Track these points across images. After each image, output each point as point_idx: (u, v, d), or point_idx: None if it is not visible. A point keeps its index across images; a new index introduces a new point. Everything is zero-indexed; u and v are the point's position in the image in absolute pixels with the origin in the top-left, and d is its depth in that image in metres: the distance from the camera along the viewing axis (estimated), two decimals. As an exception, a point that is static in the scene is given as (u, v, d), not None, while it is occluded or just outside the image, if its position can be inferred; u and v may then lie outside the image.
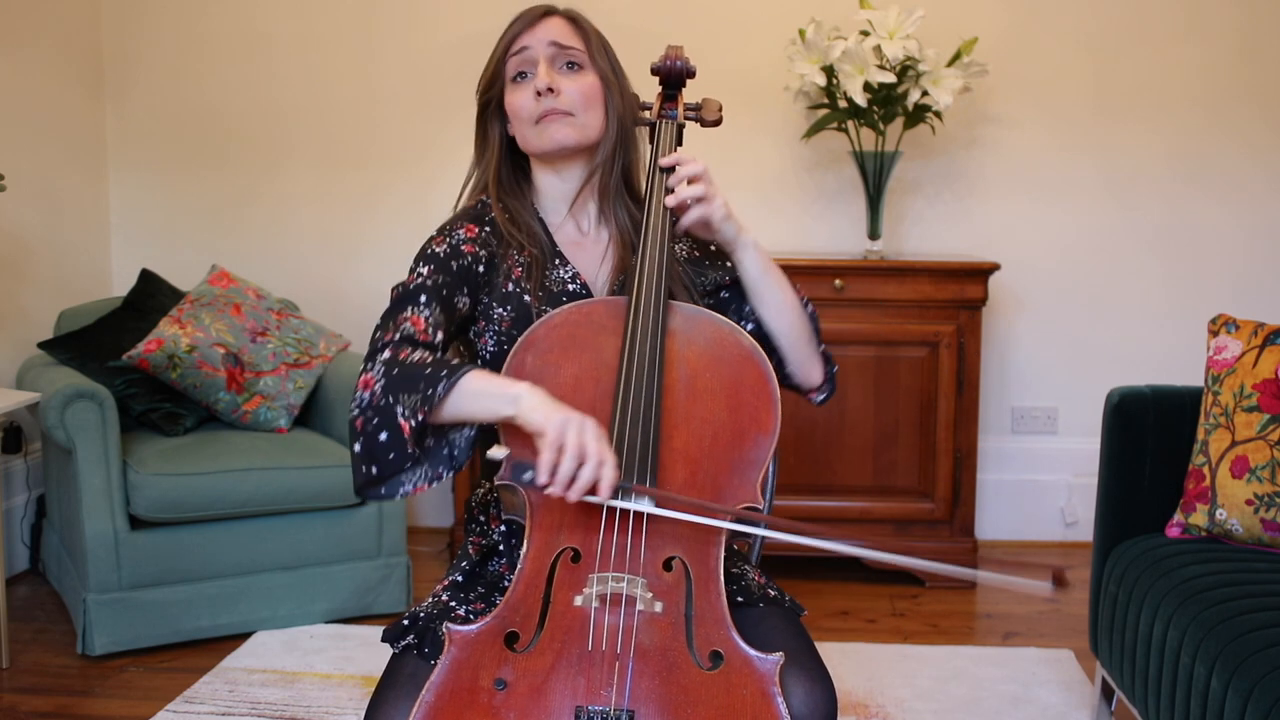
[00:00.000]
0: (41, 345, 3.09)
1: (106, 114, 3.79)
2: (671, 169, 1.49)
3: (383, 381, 1.33)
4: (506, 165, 1.61)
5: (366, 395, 1.34)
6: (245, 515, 2.84)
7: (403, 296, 1.45)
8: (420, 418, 1.31)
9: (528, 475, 1.28)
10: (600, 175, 1.57)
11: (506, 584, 1.50)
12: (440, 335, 1.42)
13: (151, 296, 3.24)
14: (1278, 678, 1.59)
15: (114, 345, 3.05)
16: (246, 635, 2.86)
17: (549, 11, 1.57)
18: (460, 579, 1.53)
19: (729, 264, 1.58)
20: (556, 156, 1.56)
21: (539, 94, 1.51)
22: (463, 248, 1.51)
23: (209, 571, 2.82)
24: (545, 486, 1.26)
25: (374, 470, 1.34)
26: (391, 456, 1.33)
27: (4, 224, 3.29)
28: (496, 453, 1.31)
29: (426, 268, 1.48)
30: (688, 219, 1.47)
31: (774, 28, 3.48)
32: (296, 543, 2.90)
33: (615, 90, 1.56)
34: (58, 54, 3.57)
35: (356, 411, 1.34)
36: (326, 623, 2.94)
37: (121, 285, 3.61)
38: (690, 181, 1.47)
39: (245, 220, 3.80)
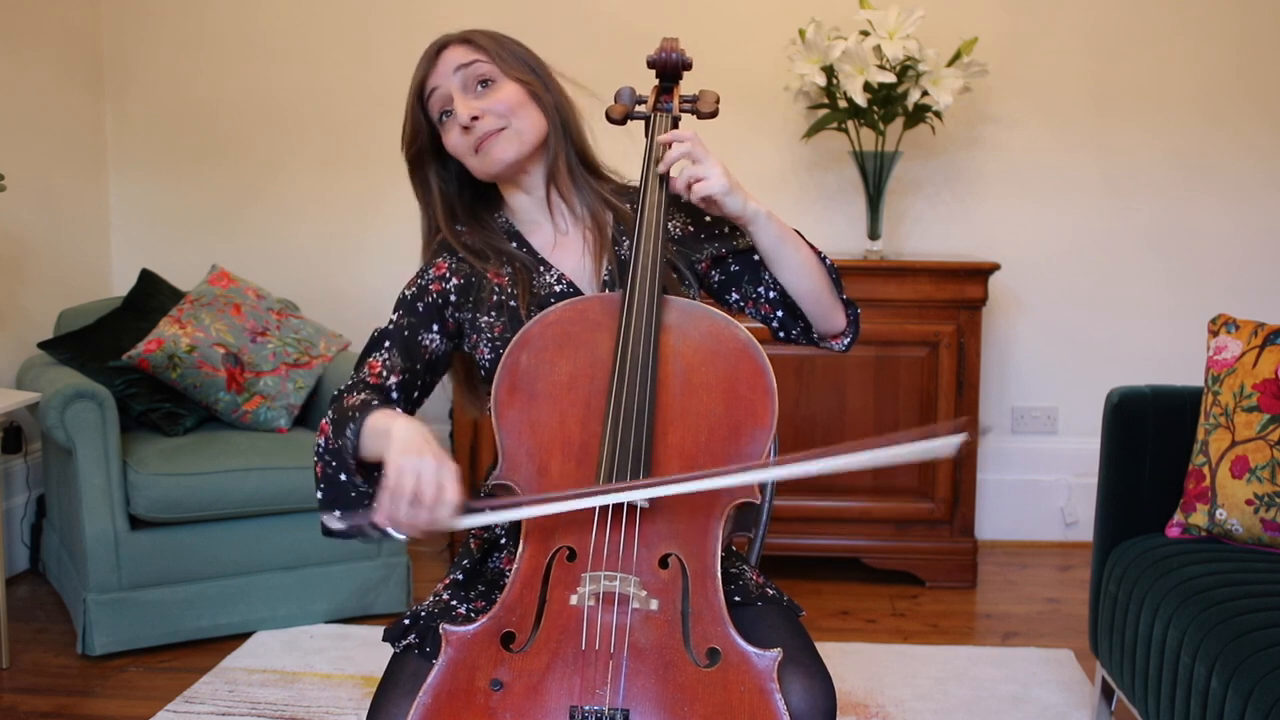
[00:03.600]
0: (41, 345, 3.09)
1: (106, 114, 3.79)
2: (666, 150, 1.49)
3: (332, 428, 1.38)
4: (462, 200, 1.62)
5: (323, 441, 1.38)
6: (245, 515, 2.84)
7: (371, 342, 1.52)
8: (354, 459, 1.35)
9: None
10: (556, 171, 1.58)
11: (507, 580, 1.50)
12: (394, 378, 1.48)
13: (151, 296, 3.24)
14: (1278, 678, 1.59)
15: (114, 345, 3.05)
16: (246, 635, 2.86)
17: (443, 45, 1.56)
18: (461, 577, 1.53)
19: (736, 235, 1.60)
20: (511, 172, 1.56)
21: (465, 129, 1.52)
22: (430, 286, 1.55)
23: (209, 571, 2.82)
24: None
25: (338, 512, 1.36)
26: (354, 495, 1.37)
27: (4, 224, 3.29)
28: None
29: (397, 313, 1.54)
30: (703, 190, 1.46)
31: (774, 28, 3.48)
32: (296, 543, 2.90)
33: (539, 86, 1.56)
34: (58, 54, 3.57)
35: (316, 458, 1.39)
36: (326, 623, 2.94)
37: (121, 285, 3.61)
38: (680, 144, 1.47)
39: (245, 220, 3.80)
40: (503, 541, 1.55)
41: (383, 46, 3.69)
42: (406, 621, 1.45)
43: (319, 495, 1.39)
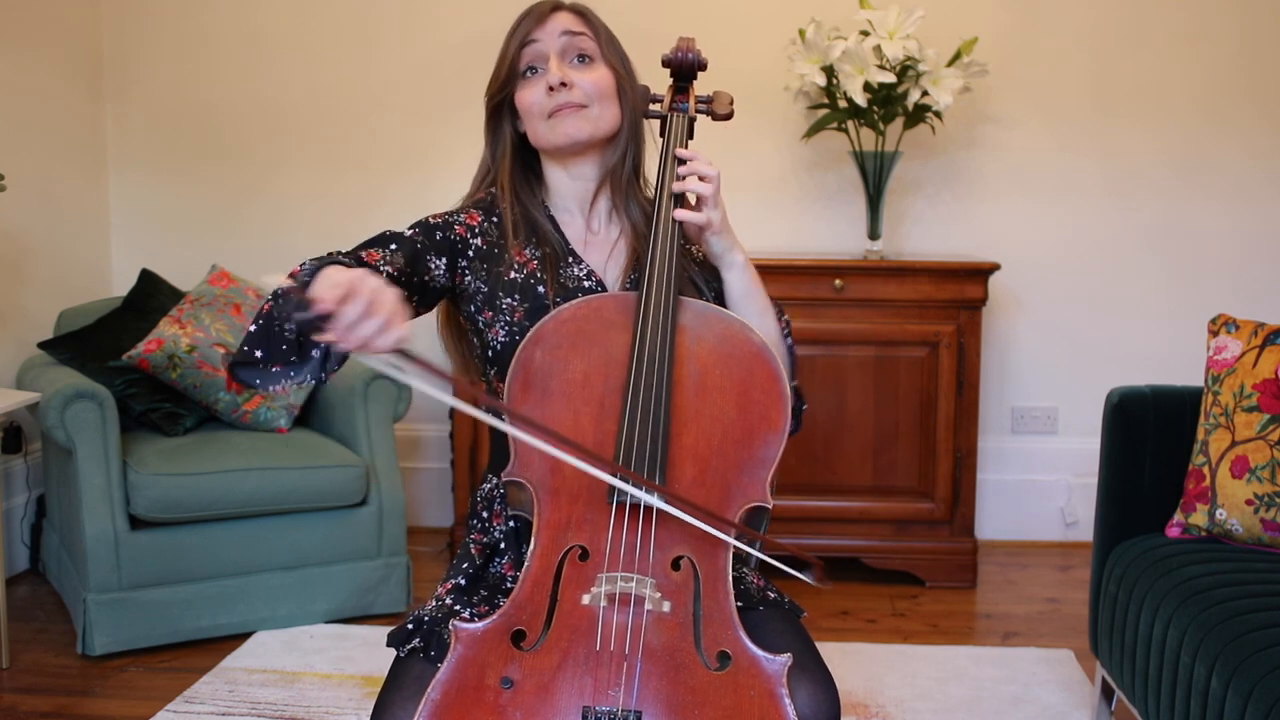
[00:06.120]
0: (41, 345, 3.09)
1: (106, 114, 3.79)
2: (684, 162, 1.49)
3: (305, 277, 1.26)
4: (518, 164, 1.61)
5: (287, 284, 1.26)
6: (245, 515, 2.84)
7: (376, 238, 1.46)
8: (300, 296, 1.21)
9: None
10: (615, 170, 1.57)
11: (509, 585, 1.50)
12: (388, 269, 1.39)
13: (151, 296, 3.24)
14: (1278, 678, 1.59)
15: (114, 345, 3.05)
16: (246, 635, 2.86)
17: (557, 6, 1.57)
18: (464, 582, 1.52)
19: None
20: (569, 152, 1.56)
21: (551, 89, 1.51)
22: (456, 227, 1.54)
23: (209, 571, 2.82)
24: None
25: (258, 353, 1.28)
26: (284, 347, 1.28)
27: (4, 224, 3.29)
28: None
29: (413, 229, 1.51)
30: (684, 216, 1.47)
31: (774, 28, 3.48)
32: (296, 543, 2.90)
33: (627, 84, 1.56)
34: (58, 54, 3.57)
35: (269, 297, 1.30)
36: (326, 623, 2.94)
37: (121, 285, 3.61)
38: (701, 179, 1.47)
39: (245, 220, 3.80)
40: (502, 546, 1.55)
41: (383, 46, 3.69)
42: (410, 625, 1.44)
43: (251, 329, 1.29)
